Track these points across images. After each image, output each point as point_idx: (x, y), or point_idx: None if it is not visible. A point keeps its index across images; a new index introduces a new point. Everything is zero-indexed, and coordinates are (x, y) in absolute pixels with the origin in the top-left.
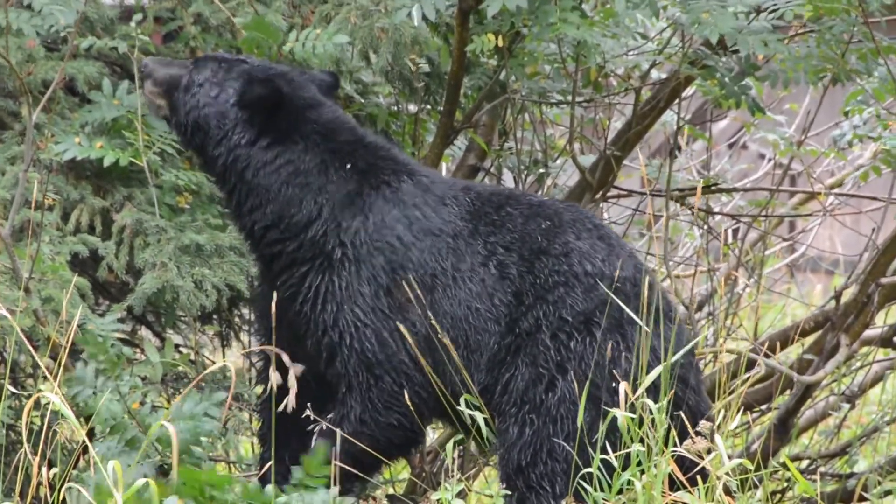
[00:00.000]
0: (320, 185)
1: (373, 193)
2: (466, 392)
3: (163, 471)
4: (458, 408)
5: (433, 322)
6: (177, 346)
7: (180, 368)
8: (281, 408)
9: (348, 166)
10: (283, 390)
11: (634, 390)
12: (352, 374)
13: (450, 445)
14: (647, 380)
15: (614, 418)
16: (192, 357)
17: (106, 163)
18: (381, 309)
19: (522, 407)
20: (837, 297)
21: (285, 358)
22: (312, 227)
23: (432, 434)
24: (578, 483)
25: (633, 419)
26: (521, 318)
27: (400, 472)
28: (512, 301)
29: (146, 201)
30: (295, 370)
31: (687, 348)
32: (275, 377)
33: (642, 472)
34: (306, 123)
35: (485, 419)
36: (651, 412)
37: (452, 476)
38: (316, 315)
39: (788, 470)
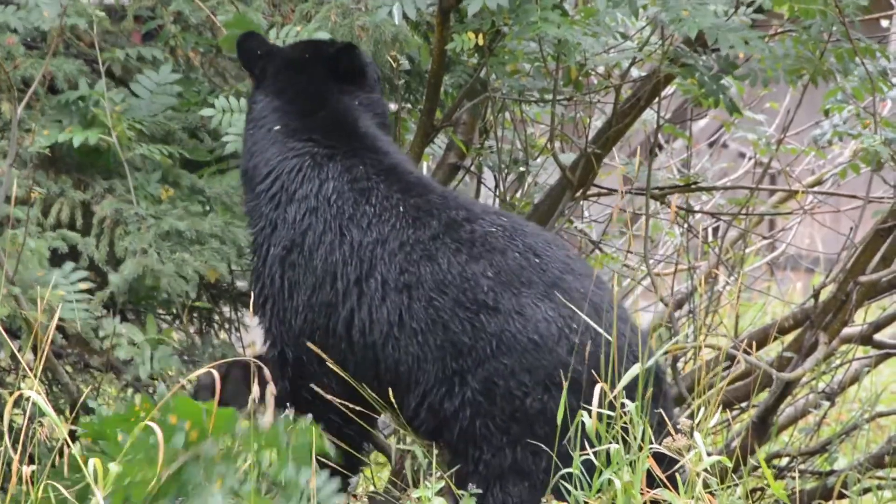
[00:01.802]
0: (262, 147)
1: (293, 162)
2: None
3: None
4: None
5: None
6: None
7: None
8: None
9: (276, 128)
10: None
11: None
12: (264, 340)
13: (419, 453)
14: (624, 380)
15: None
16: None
17: (76, 143)
18: (278, 280)
19: (478, 450)
20: (816, 295)
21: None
22: (248, 185)
23: None
24: (560, 482)
25: (609, 420)
26: (468, 373)
27: (380, 469)
28: (448, 349)
29: (126, 193)
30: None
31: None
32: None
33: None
34: (277, 82)
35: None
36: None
37: (432, 475)
38: (253, 272)
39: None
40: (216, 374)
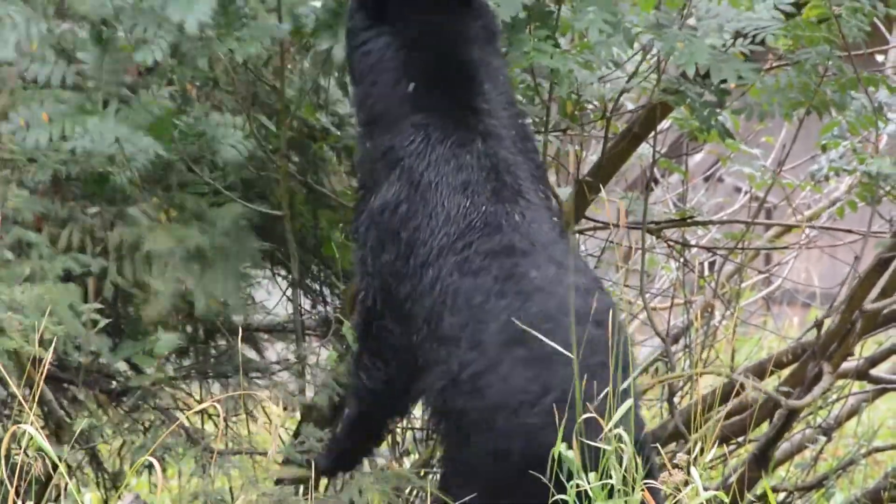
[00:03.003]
0: (384, 97)
1: (409, 133)
2: None
3: None
4: None
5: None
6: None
7: None
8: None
9: (408, 90)
10: None
11: None
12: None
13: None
14: (618, 413)
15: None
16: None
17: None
18: (373, 237)
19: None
20: (819, 325)
21: None
22: (364, 130)
23: (407, 463)
24: None
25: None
26: (444, 392)
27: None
28: (443, 365)
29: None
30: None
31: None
32: None
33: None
34: (402, 21)
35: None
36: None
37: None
38: (355, 218)
39: (766, 502)
40: None
